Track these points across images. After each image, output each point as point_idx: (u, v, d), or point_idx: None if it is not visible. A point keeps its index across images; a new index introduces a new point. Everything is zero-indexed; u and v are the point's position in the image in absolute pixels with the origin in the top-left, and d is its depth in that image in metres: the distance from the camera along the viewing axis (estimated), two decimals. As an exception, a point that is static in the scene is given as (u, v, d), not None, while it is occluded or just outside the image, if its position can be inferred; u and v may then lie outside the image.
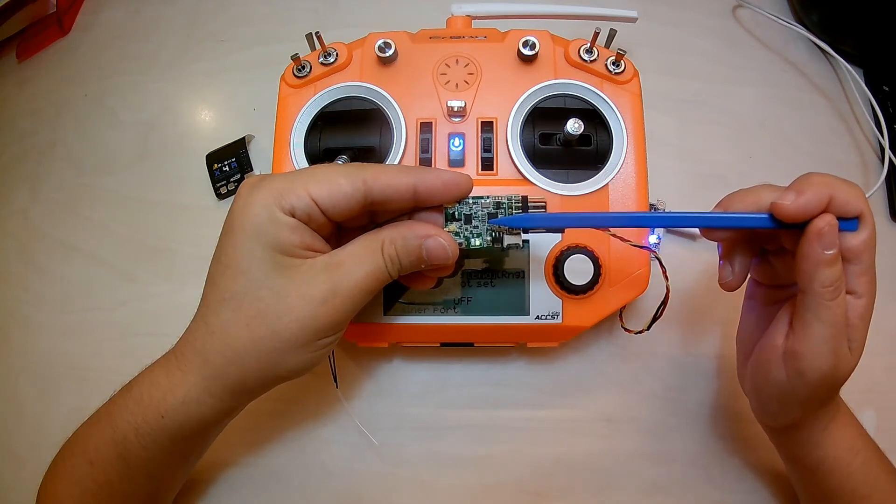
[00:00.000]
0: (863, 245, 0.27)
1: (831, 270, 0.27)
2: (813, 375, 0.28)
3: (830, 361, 0.28)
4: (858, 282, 0.28)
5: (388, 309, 0.36)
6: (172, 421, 0.28)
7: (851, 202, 0.27)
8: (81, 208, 0.48)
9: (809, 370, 0.28)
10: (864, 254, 0.28)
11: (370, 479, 0.40)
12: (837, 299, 0.27)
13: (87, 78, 0.53)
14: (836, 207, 0.27)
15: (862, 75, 0.50)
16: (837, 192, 0.27)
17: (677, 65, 0.51)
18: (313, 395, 0.41)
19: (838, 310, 0.27)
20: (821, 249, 0.26)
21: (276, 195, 0.26)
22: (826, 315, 0.27)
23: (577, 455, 0.40)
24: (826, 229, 0.26)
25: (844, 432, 0.33)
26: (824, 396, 0.30)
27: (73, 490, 0.30)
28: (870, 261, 0.28)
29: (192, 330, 0.28)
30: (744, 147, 0.48)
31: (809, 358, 0.28)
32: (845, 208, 0.27)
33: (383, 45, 0.38)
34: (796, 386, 0.29)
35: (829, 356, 0.28)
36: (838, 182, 0.27)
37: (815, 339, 0.28)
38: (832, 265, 0.27)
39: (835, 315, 0.27)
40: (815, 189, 0.27)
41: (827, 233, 0.26)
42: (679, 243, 0.45)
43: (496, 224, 0.29)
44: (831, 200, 0.27)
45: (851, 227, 0.27)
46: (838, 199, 0.27)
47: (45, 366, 0.44)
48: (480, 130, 0.37)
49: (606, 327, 0.43)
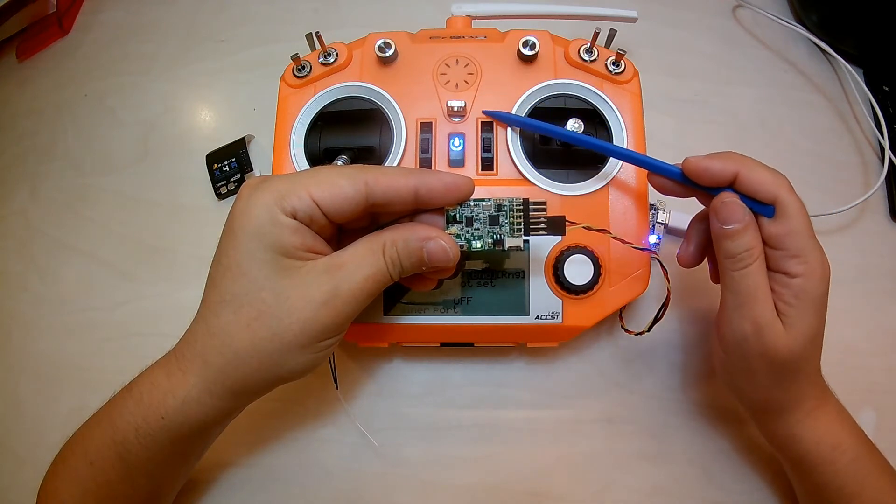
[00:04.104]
0: (785, 235, 0.28)
1: (732, 243, 0.28)
2: (728, 340, 0.30)
3: (743, 329, 0.29)
4: (789, 263, 0.28)
5: (389, 309, 0.36)
6: (172, 422, 0.28)
7: (764, 185, 0.28)
8: (81, 208, 0.48)
9: (725, 335, 0.30)
10: (790, 240, 0.28)
11: (370, 479, 0.40)
12: (744, 270, 0.28)
13: (87, 78, 0.53)
14: (744, 184, 0.28)
15: (862, 75, 0.50)
16: (748, 171, 0.28)
17: (677, 65, 0.51)
18: (313, 396, 0.41)
19: (746, 280, 0.28)
20: (717, 223, 0.28)
21: (277, 197, 0.26)
22: (731, 283, 0.29)
23: (577, 455, 0.40)
24: (719, 205, 0.28)
25: (828, 429, 0.32)
26: (773, 370, 0.30)
27: (73, 490, 0.30)
28: (800, 245, 0.28)
29: (193, 331, 0.28)
30: (744, 147, 0.47)
31: (723, 324, 0.30)
32: (755, 188, 0.28)
33: (383, 45, 0.38)
34: (730, 354, 0.31)
35: (741, 323, 0.29)
36: (754, 164, 0.29)
37: (726, 306, 0.29)
38: (733, 238, 0.28)
39: (740, 286, 0.28)
40: (724, 160, 0.28)
41: (720, 209, 0.28)
42: (679, 244, 0.44)
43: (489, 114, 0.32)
44: (738, 176, 0.28)
45: (766, 213, 0.28)
46: (747, 177, 0.28)
47: (45, 366, 0.44)
48: (480, 130, 0.37)
49: (606, 327, 0.43)
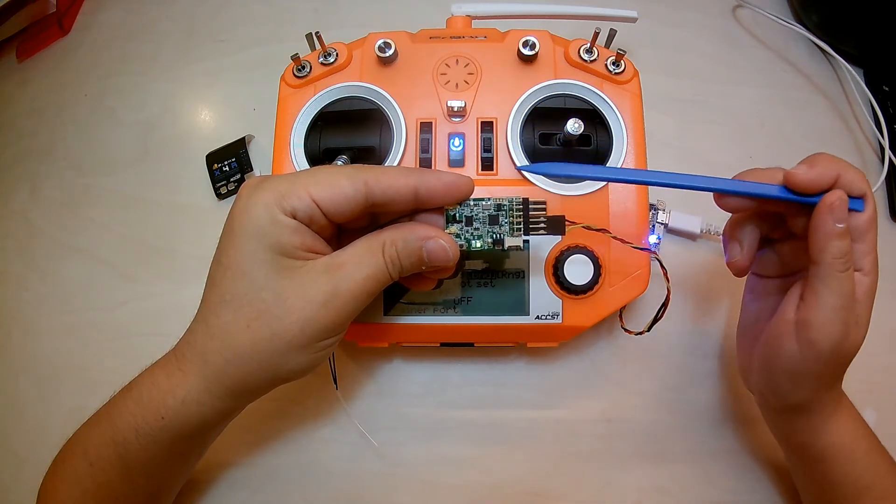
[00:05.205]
0: (868, 224, 0.29)
1: (841, 243, 0.28)
2: (824, 345, 0.29)
3: (841, 331, 0.29)
4: (865, 260, 0.29)
5: (389, 309, 0.36)
6: (172, 421, 0.28)
7: (857, 182, 0.28)
8: (81, 208, 0.48)
9: (821, 339, 0.29)
10: (869, 233, 0.29)
11: (370, 479, 0.40)
12: (847, 272, 0.28)
13: (87, 78, 0.53)
14: (843, 185, 0.28)
15: (862, 75, 0.50)
16: (845, 171, 0.28)
17: (677, 65, 0.51)
18: (313, 396, 0.41)
19: (847, 282, 0.28)
20: (832, 222, 0.28)
21: (277, 197, 0.26)
22: (837, 285, 0.28)
23: (577, 455, 0.40)
24: (837, 203, 0.28)
25: (848, 422, 0.33)
26: (834, 372, 0.31)
27: (73, 490, 0.30)
28: (873, 241, 0.29)
29: (193, 331, 0.28)
30: (744, 147, 0.48)
31: (821, 327, 0.29)
32: (851, 187, 0.28)
33: (383, 45, 0.38)
34: (808, 357, 0.30)
35: (840, 325, 0.29)
36: (844, 163, 0.29)
37: (826, 307, 0.29)
38: (842, 238, 0.28)
39: (844, 286, 0.28)
40: (825, 164, 0.28)
41: (838, 206, 0.28)
42: (679, 244, 0.45)
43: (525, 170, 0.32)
44: (839, 178, 0.28)
45: (858, 207, 0.29)
46: (846, 177, 0.28)
47: (45, 366, 0.44)
48: (480, 130, 0.37)
49: (606, 327, 0.43)
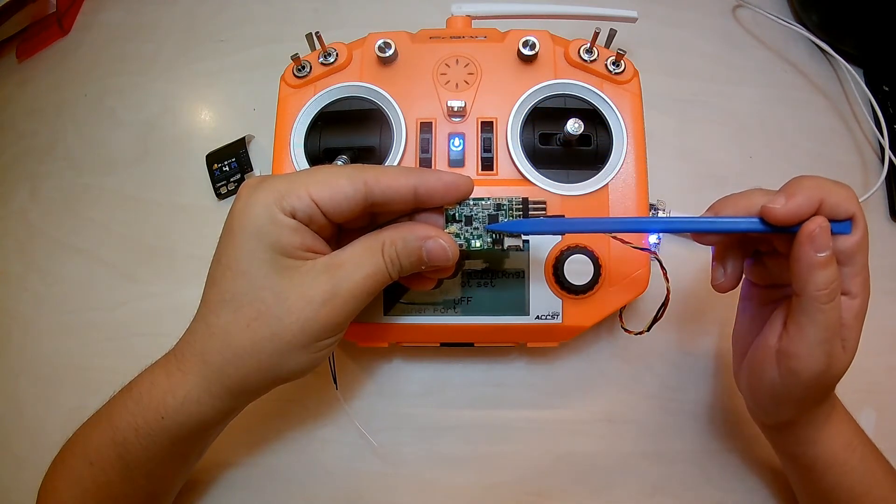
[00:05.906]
0: (856, 247, 0.27)
1: (825, 273, 0.26)
2: (806, 375, 0.28)
3: (824, 362, 0.27)
4: (853, 283, 0.27)
5: (389, 309, 0.36)
6: (172, 421, 0.28)
7: (843, 204, 0.26)
8: (81, 208, 0.48)
9: (802, 371, 0.28)
10: (858, 255, 0.27)
11: (370, 479, 0.40)
12: (832, 302, 0.26)
13: (87, 78, 0.53)
14: (827, 210, 0.26)
15: (862, 75, 0.50)
16: (828, 194, 0.26)
17: (677, 65, 0.51)
18: (313, 396, 0.41)
19: (833, 313, 0.27)
20: (813, 252, 0.26)
21: (276, 196, 0.26)
22: (821, 318, 0.27)
23: (577, 455, 0.40)
24: (817, 232, 0.26)
25: (841, 429, 0.32)
26: (818, 396, 0.30)
27: (73, 490, 0.30)
28: (863, 261, 0.28)
29: (192, 331, 0.28)
30: (744, 147, 0.48)
31: (803, 359, 0.28)
32: (836, 210, 0.26)
33: (383, 45, 0.38)
34: (790, 385, 0.29)
35: (823, 357, 0.27)
36: (829, 184, 0.27)
37: (809, 340, 0.27)
38: (826, 267, 0.26)
39: (829, 318, 0.27)
40: (805, 192, 0.26)
41: (818, 235, 0.26)
42: (678, 243, 0.45)
43: (493, 229, 0.29)
44: (822, 203, 0.26)
45: (845, 230, 0.27)
46: (829, 201, 0.26)
47: (45, 366, 0.44)
48: (480, 130, 0.37)
49: (606, 327, 0.43)
